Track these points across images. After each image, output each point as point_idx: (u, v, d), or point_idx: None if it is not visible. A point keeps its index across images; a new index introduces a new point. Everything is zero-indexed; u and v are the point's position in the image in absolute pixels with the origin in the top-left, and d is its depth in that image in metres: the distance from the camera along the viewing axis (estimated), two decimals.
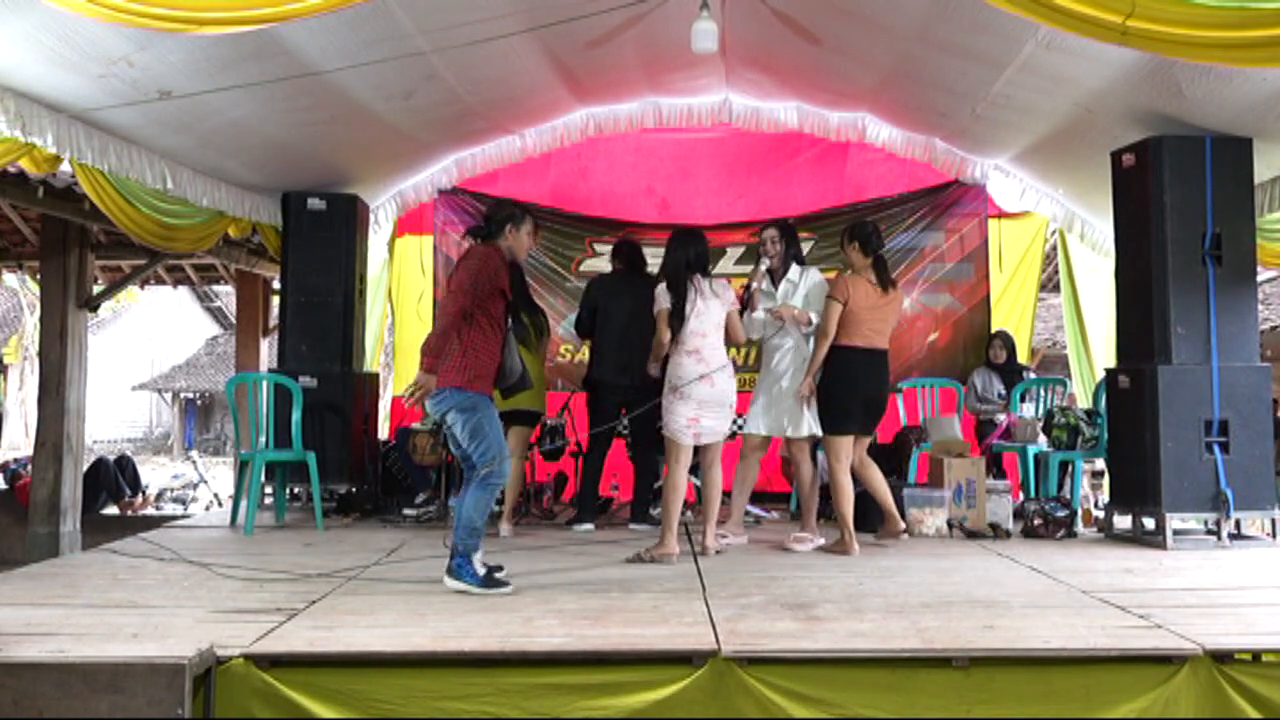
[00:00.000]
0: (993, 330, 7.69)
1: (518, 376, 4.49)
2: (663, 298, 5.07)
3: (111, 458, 9.43)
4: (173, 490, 11.31)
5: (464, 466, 4.42)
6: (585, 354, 6.76)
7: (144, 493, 9.68)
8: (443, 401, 4.30)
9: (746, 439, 5.62)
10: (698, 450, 5.46)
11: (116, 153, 5.10)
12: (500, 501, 5.63)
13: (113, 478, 9.07)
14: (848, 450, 5.36)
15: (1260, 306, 6.47)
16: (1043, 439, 6.57)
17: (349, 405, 6.76)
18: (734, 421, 5.57)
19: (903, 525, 5.57)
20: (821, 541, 5.41)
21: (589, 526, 5.95)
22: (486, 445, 4.25)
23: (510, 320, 4.48)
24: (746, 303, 5.49)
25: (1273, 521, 5.49)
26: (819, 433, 5.43)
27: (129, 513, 9.08)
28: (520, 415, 5.88)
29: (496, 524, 5.66)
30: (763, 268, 5.58)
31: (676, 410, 5.05)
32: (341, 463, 6.67)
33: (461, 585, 4.14)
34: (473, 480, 4.28)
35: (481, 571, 4.18)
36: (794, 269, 5.57)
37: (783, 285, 5.56)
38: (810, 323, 5.40)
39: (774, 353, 5.54)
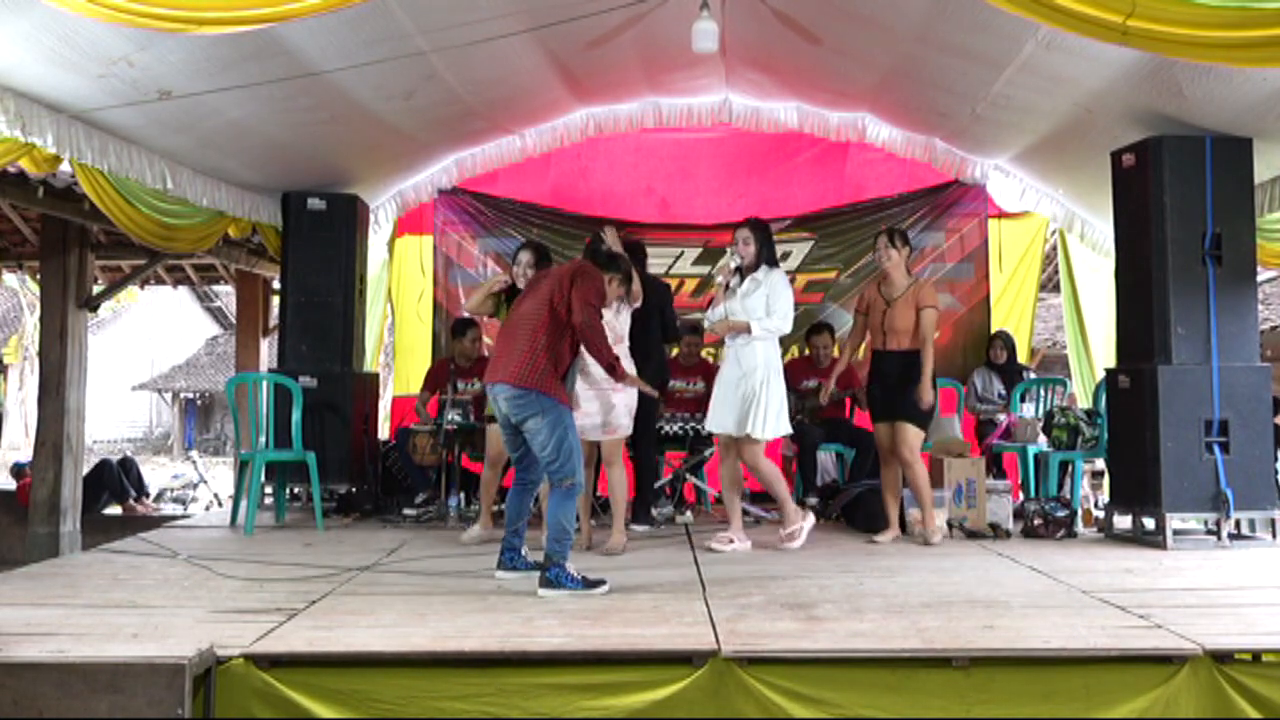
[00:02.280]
0: (993, 330, 7.70)
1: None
2: None
3: (114, 459, 9.41)
4: (173, 490, 11.31)
5: (516, 464, 4.57)
6: None
7: (146, 495, 9.65)
8: (529, 405, 4.30)
9: (720, 440, 5.48)
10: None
11: (116, 153, 5.10)
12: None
13: (116, 479, 9.04)
14: None
15: (1260, 306, 6.46)
16: (1043, 439, 6.57)
17: (349, 405, 6.76)
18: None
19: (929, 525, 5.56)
20: (810, 524, 5.41)
21: None
22: (568, 458, 4.30)
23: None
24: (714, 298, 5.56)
25: (1272, 521, 5.48)
26: (785, 432, 5.42)
27: (136, 512, 9.02)
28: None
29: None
30: (732, 265, 5.49)
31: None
32: (341, 463, 6.67)
33: (562, 592, 4.11)
34: (555, 489, 4.34)
35: (579, 576, 4.19)
36: (762, 269, 5.41)
37: (746, 282, 5.40)
38: (749, 331, 5.27)
39: (740, 349, 5.35)
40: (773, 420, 5.29)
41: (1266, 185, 5.64)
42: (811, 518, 5.44)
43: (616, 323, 5.33)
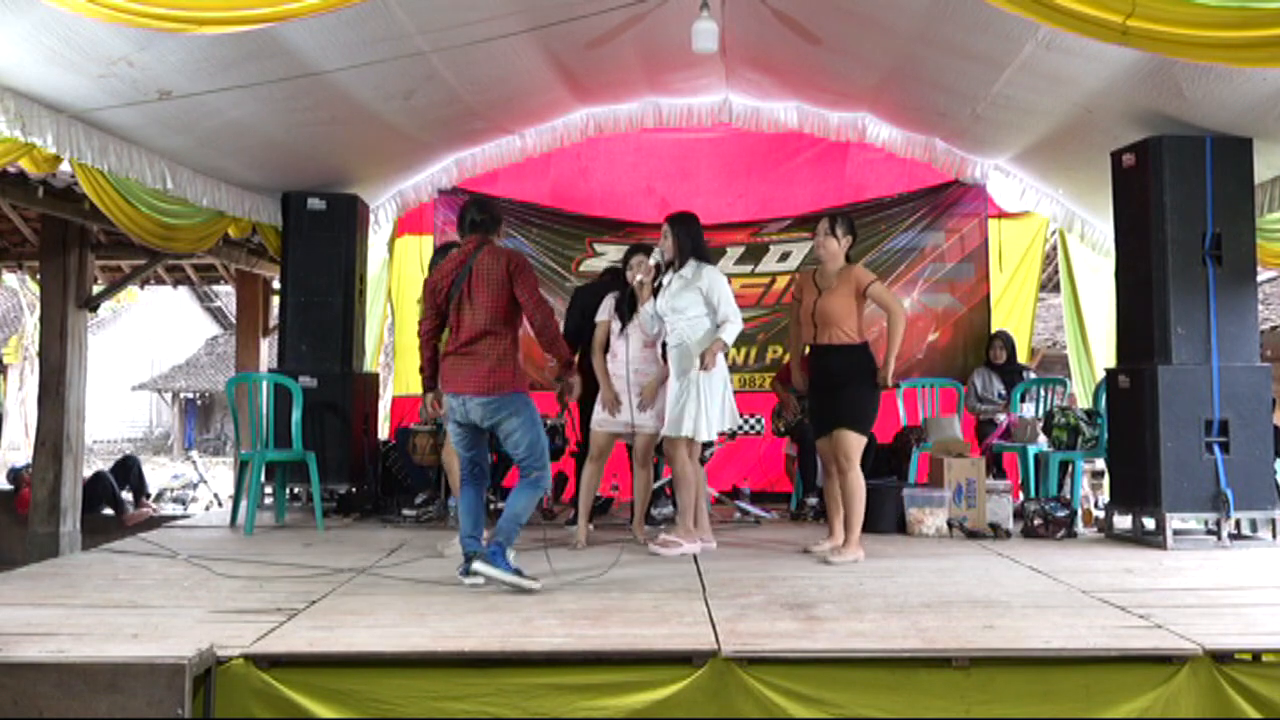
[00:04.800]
0: (993, 330, 7.70)
1: None
2: None
3: (118, 458, 9.36)
4: (173, 490, 11.31)
5: (472, 466, 4.52)
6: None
7: (147, 496, 9.59)
8: (502, 407, 4.32)
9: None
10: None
11: (116, 153, 5.11)
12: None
13: (111, 491, 8.87)
14: None
15: (1260, 306, 6.47)
16: (1043, 439, 6.57)
17: (349, 405, 6.76)
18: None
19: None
20: (693, 549, 5.12)
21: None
22: (539, 447, 4.42)
23: None
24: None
25: (1272, 521, 5.49)
26: (715, 434, 5.16)
27: (143, 515, 8.90)
28: None
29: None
30: (651, 261, 5.24)
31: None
32: (341, 463, 6.68)
33: (494, 571, 4.12)
34: (523, 478, 4.42)
35: (515, 565, 4.22)
36: (690, 265, 5.12)
37: (675, 280, 5.15)
38: (726, 348, 5.06)
39: (672, 349, 5.23)
40: (703, 421, 5.03)
41: (1266, 185, 5.65)
42: (698, 545, 5.18)
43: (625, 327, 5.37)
